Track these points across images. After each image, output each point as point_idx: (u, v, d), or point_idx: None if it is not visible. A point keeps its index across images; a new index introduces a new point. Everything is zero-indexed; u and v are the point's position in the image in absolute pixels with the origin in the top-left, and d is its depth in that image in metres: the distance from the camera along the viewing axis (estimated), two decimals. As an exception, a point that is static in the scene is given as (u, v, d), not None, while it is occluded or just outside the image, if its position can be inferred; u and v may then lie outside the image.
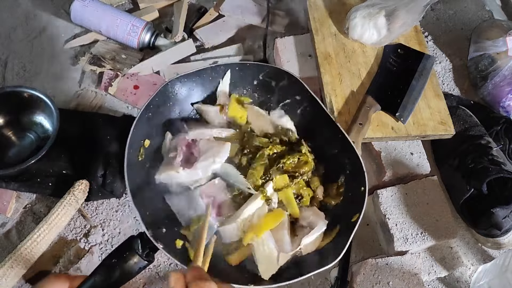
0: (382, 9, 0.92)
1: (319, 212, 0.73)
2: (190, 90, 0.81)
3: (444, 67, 1.10)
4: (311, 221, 0.71)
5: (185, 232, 0.71)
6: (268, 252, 0.66)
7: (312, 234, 0.68)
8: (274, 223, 0.69)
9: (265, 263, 0.66)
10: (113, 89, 0.99)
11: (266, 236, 0.67)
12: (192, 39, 1.04)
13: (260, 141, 0.78)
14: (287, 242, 0.68)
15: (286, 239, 0.68)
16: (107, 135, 0.90)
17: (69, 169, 0.88)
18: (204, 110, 0.82)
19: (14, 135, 0.91)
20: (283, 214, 0.71)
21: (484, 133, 0.93)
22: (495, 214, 0.80)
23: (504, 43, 0.98)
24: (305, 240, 0.68)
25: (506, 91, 0.97)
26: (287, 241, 0.68)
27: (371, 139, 0.87)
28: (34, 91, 0.87)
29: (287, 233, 0.69)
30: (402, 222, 0.83)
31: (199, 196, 0.72)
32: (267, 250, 0.66)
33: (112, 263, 0.55)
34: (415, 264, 0.81)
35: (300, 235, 0.70)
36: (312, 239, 0.69)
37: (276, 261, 0.66)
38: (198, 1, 1.18)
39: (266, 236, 0.67)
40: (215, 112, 0.82)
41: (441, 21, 1.19)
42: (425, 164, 0.89)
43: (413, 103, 0.88)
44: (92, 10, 1.02)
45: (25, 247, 0.76)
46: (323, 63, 0.92)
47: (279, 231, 0.69)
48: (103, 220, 0.86)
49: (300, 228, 0.72)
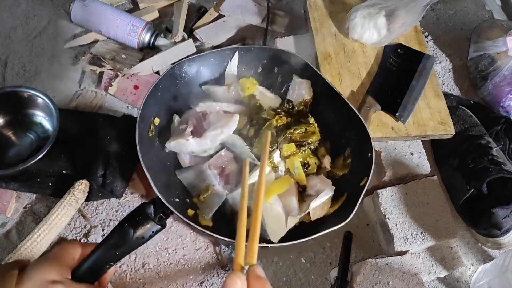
0: (382, 9, 0.92)
1: (326, 179, 0.75)
2: (198, 73, 0.83)
3: (444, 67, 1.10)
4: (318, 189, 0.73)
5: (196, 200, 0.75)
6: (276, 215, 0.69)
7: (320, 198, 0.70)
8: (281, 189, 0.72)
9: (273, 226, 0.68)
10: (113, 89, 0.99)
11: (274, 200, 0.70)
12: (192, 39, 1.04)
13: (268, 113, 0.81)
14: (295, 207, 0.71)
15: (294, 204, 0.71)
16: (107, 135, 0.90)
17: (69, 169, 0.87)
18: (212, 90, 0.85)
19: (14, 135, 0.91)
20: (291, 181, 0.73)
21: (484, 133, 0.93)
22: (495, 214, 0.80)
23: (504, 43, 0.98)
24: (313, 204, 0.70)
25: (506, 91, 0.97)
26: (295, 206, 0.71)
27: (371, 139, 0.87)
28: (34, 91, 0.87)
29: (295, 198, 0.72)
30: (402, 222, 0.83)
31: (207, 168, 0.76)
32: (275, 214, 0.69)
33: (125, 227, 0.55)
34: (415, 264, 0.81)
35: (307, 201, 0.72)
36: (319, 203, 0.71)
37: (284, 224, 0.68)
38: (198, 1, 1.18)
39: (274, 201, 0.70)
40: (223, 91, 0.84)
41: (441, 21, 1.19)
42: (425, 164, 0.89)
43: (413, 103, 0.88)
44: (92, 10, 1.02)
45: (25, 247, 0.76)
46: (323, 63, 0.92)
47: (287, 197, 0.72)
48: (103, 220, 0.86)
49: (308, 197, 0.74)
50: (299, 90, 0.84)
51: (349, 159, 0.78)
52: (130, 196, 0.88)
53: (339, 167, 0.79)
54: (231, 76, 0.85)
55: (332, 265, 0.86)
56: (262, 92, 0.85)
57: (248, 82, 0.84)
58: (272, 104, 0.84)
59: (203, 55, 0.82)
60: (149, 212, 0.59)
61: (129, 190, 0.89)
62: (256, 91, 0.84)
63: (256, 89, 0.84)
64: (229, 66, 0.85)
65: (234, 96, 0.85)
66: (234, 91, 0.84)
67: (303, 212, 0.70)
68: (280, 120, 0.79)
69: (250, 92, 0.83)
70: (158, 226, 0.58)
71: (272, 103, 0.84)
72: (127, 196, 0.88)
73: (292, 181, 0.74)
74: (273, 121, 0.79)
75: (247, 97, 0.84)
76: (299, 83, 0.84)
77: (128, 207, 0.87)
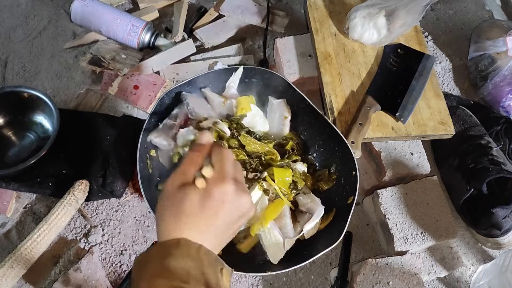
0: (382, 9, 0.92)
1: (316, 198, 0.78)
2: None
3: (444, 67, 1.10)
4: (309, 207, 0.77)
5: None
6: (274, 239, 0.72)
7: (313, 221, 0.73)
8: (276, 213, 0.74)
9: (273, 249, 0.72)
10: (113, 89, 0.99)
11: (270, 225, 0.73)
12: (192, 39, 1.04)
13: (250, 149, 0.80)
14: (290, 229, 0.74)
15: (289, 226, 0.75)
16: (107, 135, 0.90)
17: (69, 169, 0.88)
18: (210, 96, 0.85)
19: (14, 135, 0.91)
20: (283, 203, 0.76)
21: (484, 133, 0.93)
22: (495, 214, 0.80)
23: (504, 43, 0.98)
24: (307, 226, 0.73)
25: (506, 91, 0.97)
26: (290, 228, 0.74)
27: (371, 139, 0.87)
28: (34, 91, 0.87)
29: (289, 220, 0.75)
30: (402, 222, 0.83)
31: None
32: (273, 238, 0.72)
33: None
34: (415, 264, 0.81)
35: (301, 221, 0.76)
36: (313, 225, 0.74)
37: (282, 246, 0.72)
38: (198, 1, 1.18)
39: (271, 225, 0.73)
40: (219, 102, 0.84)
41: (441, 21, 1.19)
42: (425, 164, 0.89)
43: (413, 103, 0.88)
44: (92, 10, 1.02)
45: (25, 247, 0.77)
46: (323, 63, 0.92)
47: (281, 219, 0.75)
48: (103, 220, 0.86)
49: (300, 214, 0.78)
50: (276, 112, 0.85)
51: (335, 175, 0.80)
52: (130, 196, 0.88)
53: (325, 181, 0.81)
54: (232, 88, 0.85)
55: (332, 265, 0.86)
56: (254, 115, 0.84)
57: (244, 101, 0.84)
58: (261, 128, 0.85)
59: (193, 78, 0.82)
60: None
61: (129, 190, 0.89)
62: (250, 112, 0.84)
63: (249, 110, 0.84)
64: (232, 78, 0.85)
65: (228, 109, 0.85)
66: (229, 105, 0.84)
67: (298, 233, 0.74)
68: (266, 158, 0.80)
69: (243, 112, 0.83)
70: None
71: (261, 128, 0.85)
72: (127, 196, 0.88)
73: (283, 203, 0.76)
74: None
75: (238, 116, 0.83)
76: (276, 104, 0.85)
77: (128, 207, 0.87)
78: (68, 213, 0.82)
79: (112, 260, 0.82)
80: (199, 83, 0.84)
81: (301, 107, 0.83)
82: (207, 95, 0.85)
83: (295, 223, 0.76)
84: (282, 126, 0.85)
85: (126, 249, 0.83)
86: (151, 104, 0.98)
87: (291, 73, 0.96)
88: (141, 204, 0.88)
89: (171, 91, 0.80)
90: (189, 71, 1.03)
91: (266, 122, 0.86)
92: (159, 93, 1.00)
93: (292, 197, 0.78)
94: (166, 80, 1.02)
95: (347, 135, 0.81)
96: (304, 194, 0.79)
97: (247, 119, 0.84)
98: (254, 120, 0.84)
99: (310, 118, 0.83)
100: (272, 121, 0.86)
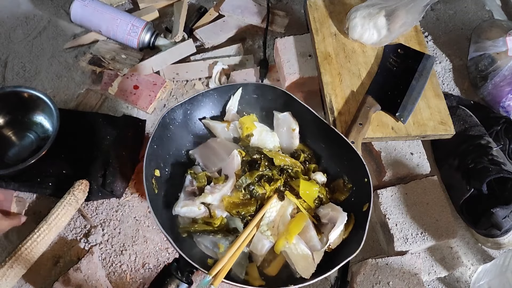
0: (382, 9, 0.92)
1: (337, 206, 0.76)
2: (187, 115, 0.82)
3: (444, 67, 1.10)
4: (331, 217, 0.75)
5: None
6: (302, 254, 0.70)
7: (337, 228, 0.72)
8: (300, 226, 0.73)
9: (302, 264, 0.70)
10: (113, 89, 0.99)
11: (296, 240, 0.71)
12: (192, 39, 1.04)
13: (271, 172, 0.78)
14: (316, 241, 0.73)
15: (315, 239, 0.73)
16: (107, 135, 0.90)
17: (69, 169, 0.88)
18: (212, 125, 0.84)
19: (14, 135, 0.91)
20: (305, 216, 0.75)
21: (484, 133, 0.93)
22: (495, 214, 0.80)
23: (504, 43, 0.98)
24: (332, 235, 0.72)
25: (506, 91, 0.97)
26: (316, 240, 0.73)
27: (371, 139, 0.87)
28: (34, 91, 0.87)
29: (314, 232, 0.74)
30: (402, 222, 0.83)
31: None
32: (301, 252, 0.70)
33: None
34: (415, 264, 0.81)
35: (325, 232, 0.74)
36: (338, 233, 0.73)
37: (312, 260, 0.70)
38: (198, 1, 1.18)
39: (296, 240, 0.71)
40: (222, 128, 0.84)
41: (441, 21, 1.19)
42: (425, 164, 0.89)
43: (413, 103, 0.88)
44: (92, 10, 1.02)
45: (25, 247, 0.76)
46: (323, 63, 0.92)
47: (306, 233, 0.73)
48: (103, 220, 0.86)
49: (323, 226, 0.76)
50: (283, 125, 0.84)
51: (349, 184, 0.79)
52: (130, 196, 0.88)
53: (341, 191, 0.79)
54: (232, 113, 0.85)
55: (332, 265, 0.86)
56: (260, 131, 0.83)
57: (247, 120, 0.83)
58: (271, 143, 0.83)
59: (194, 97, 0.81)
60: (174, 273, 0.62)
61: (129, 190, 0.89)
62: (255, 130, 0.83)
63: (254, 128, 0.82)
64: (231, 101, 0.85)
65: (233, 132, 0.84)
66: (233, 128, 0.84)
67: (324, 244, 0.72)
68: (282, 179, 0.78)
69: (248, 132, 0.82)
70: (185, 285, 0.61)
71: (271, 143, 0.83)
72: (127, 196, 0.88)
73: (306, 216, 0.74)
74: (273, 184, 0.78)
75: (245, 137, 0.83)
76: (282, 117, 0.84)
77: (128, 207, 0.87)
78: (68, 213, 0.82)
79: (112, 260, 0.82)
80: (199, 107, 0.83)
81: (307, 119, 0.82)
82: (209, 125, 0.84)
83: (320, 235, 0.74)
84: (292, 139, 0.84)
85: (126, 249, 0.83)
86: (151, 104, 0.98)
87: (291, 73, 0.96)
88: (141, 204, 0.88)
89: (173, 109, 0.78)
90: (189, 71, 1.03)
91: (275, 134, 0.84)
92: (159, 93, 1.00)
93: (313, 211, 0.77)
94: (166, 80, 1.02)
95: (347, 135, 0.81)
96: (323, 205, 0.78)
97: (255, 138, 0.82)
98: (261, 137, 0.83)
99: (317, 128, 0.82)
100: (280, 135, 0.85)
